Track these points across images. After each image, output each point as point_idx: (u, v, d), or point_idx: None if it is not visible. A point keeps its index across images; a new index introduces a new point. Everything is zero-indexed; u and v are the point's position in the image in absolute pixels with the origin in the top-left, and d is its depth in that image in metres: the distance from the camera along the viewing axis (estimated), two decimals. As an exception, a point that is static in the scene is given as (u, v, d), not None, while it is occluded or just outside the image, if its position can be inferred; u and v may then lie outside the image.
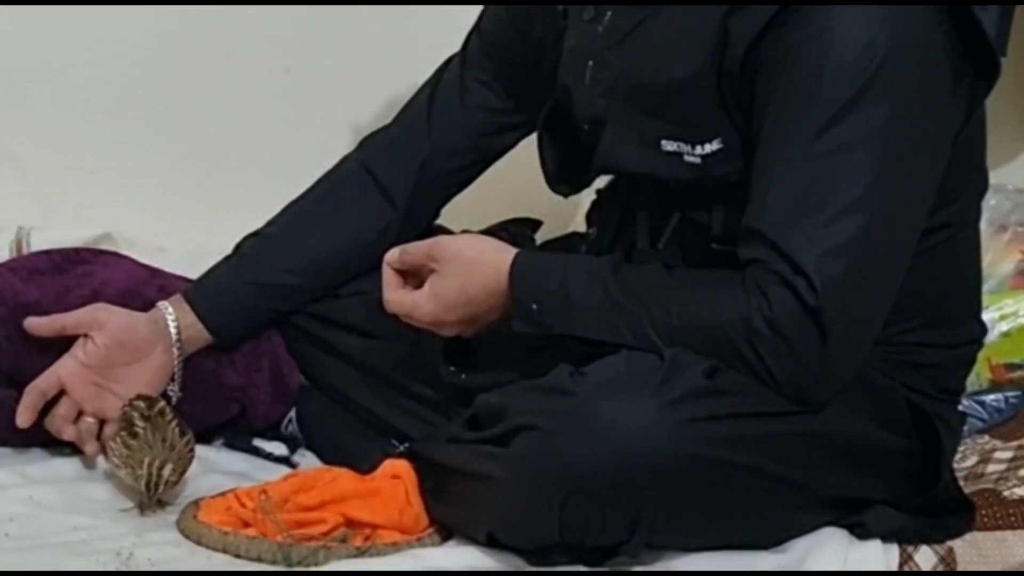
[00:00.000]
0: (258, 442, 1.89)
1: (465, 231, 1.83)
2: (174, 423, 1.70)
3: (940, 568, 1.61)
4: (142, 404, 1.72)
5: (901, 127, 1.53)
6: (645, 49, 1.63)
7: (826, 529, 1.60)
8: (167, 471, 1.65)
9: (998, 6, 1.57)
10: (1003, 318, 2.01)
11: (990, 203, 2.00)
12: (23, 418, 1.75)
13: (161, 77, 2.23)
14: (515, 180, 1.99)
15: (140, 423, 1.69)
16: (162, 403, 1.74)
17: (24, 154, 2.22)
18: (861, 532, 1.60)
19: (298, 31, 2.25)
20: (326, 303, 1.89)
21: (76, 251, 1.95)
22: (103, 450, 1.76)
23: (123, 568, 1.55)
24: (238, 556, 1.59)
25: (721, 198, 1.61)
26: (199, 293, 1.86)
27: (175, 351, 1.82)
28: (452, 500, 1.62)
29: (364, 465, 1.71)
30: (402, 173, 1.88)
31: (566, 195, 1.82)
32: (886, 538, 1.61)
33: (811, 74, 1.52)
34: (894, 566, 1.60)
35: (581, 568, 1.55)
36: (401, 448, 1.79)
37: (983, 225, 1.77)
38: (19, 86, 2.20)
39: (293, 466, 1.85)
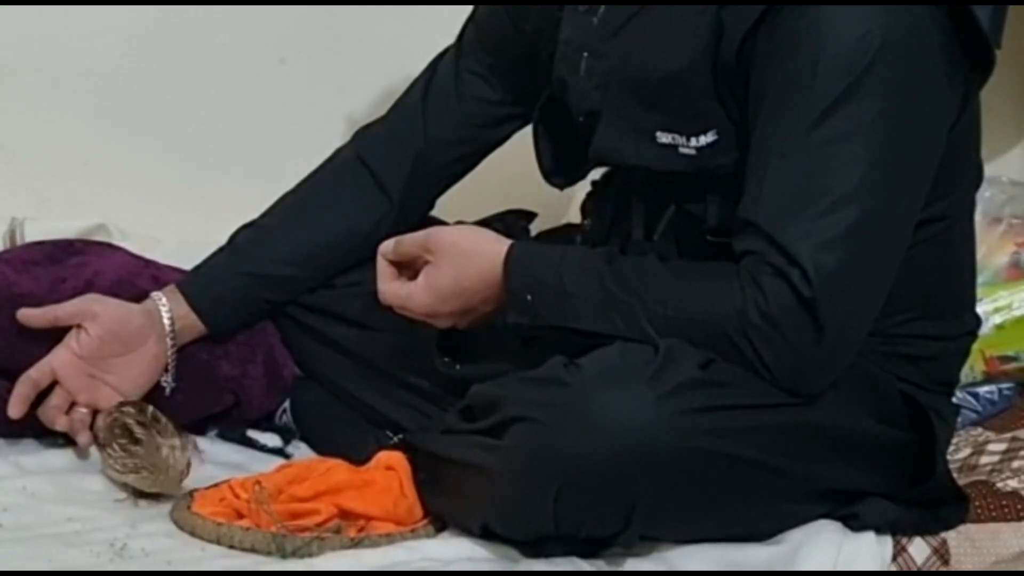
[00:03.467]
0: (252, 433, 1.89)
1: (459, 223, 1.82)
2: (170, 425, 1.70)
3: (933, 560, 1.62)
4: (132, 410, 1.71)
5: (896, 119, 1.53)
6: (640, 41, 1.63)
7: (820, 521, 1.60)
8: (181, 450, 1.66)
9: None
10: (997, 310, 2.01)
11: (984, 195, 2.01)
12: (15, 409, 1.75)
13: (156, 68, 2.23)
14: (509, 172, 1.99)
15: (138, 429, 1.69)
16: (152, 408, 1.73)
17: (18, 144, 2.21)
18: (855, 524, 1.61)
19: (293, 22, 2.25)
20: (321, 294, 1.89)
21: (70, 242, 1.95)
22: (96, 443, 1.76)
23: (117, 558, 1.55)
24: (232, 547, 1.59)
25: (716, 190, 1.61)
26: (193, 284, 1.85)
27: (169, 342, 1.82)
28: (446, 491, 1.62)
29: (358, 456, 1.71)
30: (397, 164, 1.88)
31: (561, 187, 1.82)
32: (880, 530, 1.61)
33: (806, 66, 1.52)
34: (888, 558, 1.60)
35: (576, 560, 1.55)
36: (395, 439, 1.80)
37: (977, 217, 1.77)
38: (13, 76, 2.20)
39: (287, 457, 1.85)
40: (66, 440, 1.79)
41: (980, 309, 1.81)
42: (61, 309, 1.79)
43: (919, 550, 1.62)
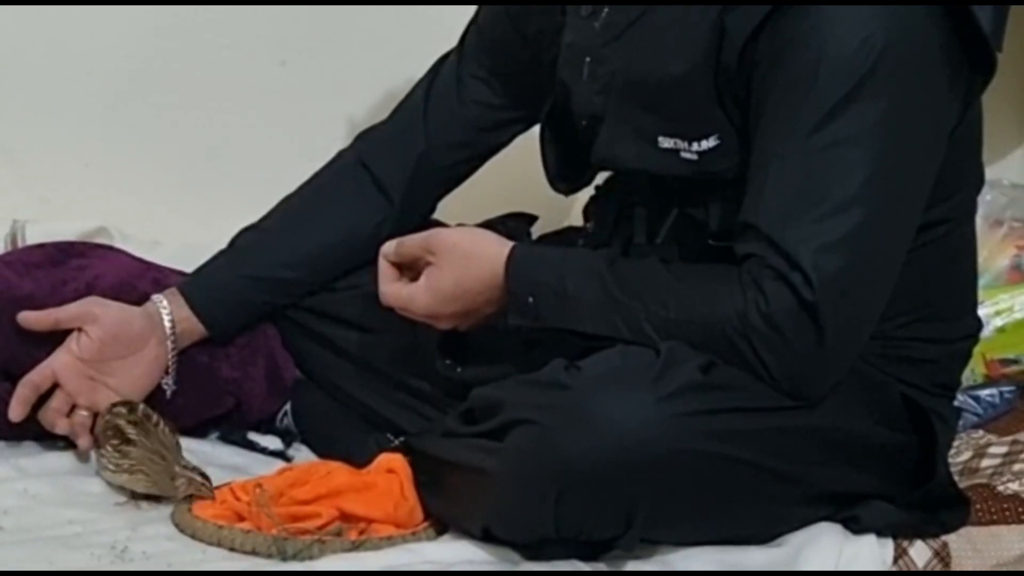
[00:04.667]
0: (253, 436, 1.89)
1: (461, 225, 1.82)
2: (161, 424, 1.70)
3: (934, 562, 1.62)
4: (124, 410, 1.71)
5: (898, 122, 1.53)
6: (642, 45, 1.63)
7: (821, 524, 1.60)
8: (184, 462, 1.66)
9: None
10: (998, 313, 2.01)
11: (986, 198, 2.00)
12: (16, 411, 1.75)
13: (157, 70, 2.23)
14: (511, 175, 1.99)
15: (131, 429, 1.69)
16: (143, 406, 1.73)
17: (19, 147, 2.21)
18: (856, 527, 1.61)
19: (294, 24, 2.25)
20: (321, 297, 1.89)
21: (71, 244, 1.95)
22: (96, 445, 1.76)
23: (118, 561, 1.55)
24: (233, 550, 1.59)
25: (718, 194, 1.61)
26: (194, 286, 1.85)
27: (169, 344, 1.82)
28: (447, 494, 1.62)
29: (359, 459, 1.71)
30: (398, 168, 1.88)
31: (567, 193, 1.82)
32: (881, 533, 1.61)
33: (807, 69, 1.52)
34: (889, 561, 1.61)
35: (576, 563, 1.55)
36: (396, 442, 1.80)
37: (978, 220, 1.77)
38: (15, 78, 2.20)
39: (288, 460, 1.85)
40: (67, 443, 1.79)
41: (981, 312, 1.81)
42: (62, 312, 1.79)
43: (920, 553, 1.62)
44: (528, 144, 1.84)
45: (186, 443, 1.74)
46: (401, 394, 1.86)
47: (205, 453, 1.81)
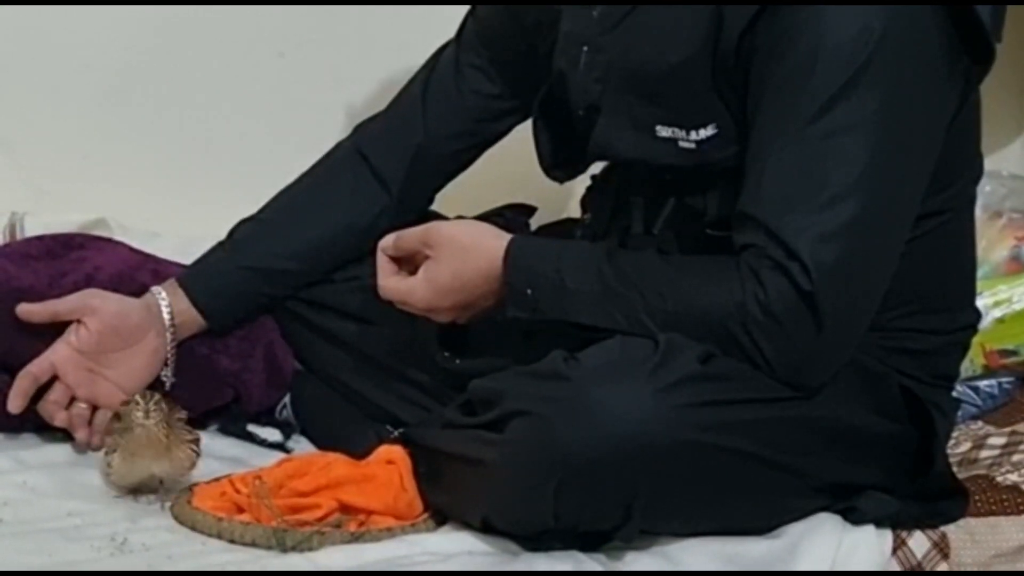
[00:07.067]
0: (252, 428, 1.89)
1: (459, 217, 1.82)
2: (166, 404, 1.70)
3: (933, 553, 1.62)
4: (141, 401, 1.71)
5: (896, 112, 1.53)
6: (639, 34, 1.63)
7: (820, 514, 1.61)
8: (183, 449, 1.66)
9: (993, -7, 1.57)
10: (997, 304, 2.01)
11: (984, 189, 2.00)
12: (15, 404, 1.75)
13: (155, 62, 2.23)
14: (509, 166, 1.99)
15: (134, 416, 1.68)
16: (157, 394, 1.73)
17: (18, 139, 2.21)
18: (855, 517, 1.61)
19: (292, 16, 2.25)
20: (320, 288, 1.89)
21: (70, 236, 1.95)
22: (98, 439, 1.76)
23: (117, 553, 1.55)
24: (232, 542, 1.59)
25: (716, 183, 1.61)
26: (193, 278, 1.85)
27: (168, 336, 1.82)
28: (446, 485, 1.62)
29: (358, 451, 1.71)
30: (397, 159, 1.88)
31: (561, 181, 1.82)
32: (880, 523, 1.62)
33: (806, 59, 1.52)
34: (887, 551, 1.61)
35: (576, 554, 1.55)
36: (395, 433, 1.80)
37: (977, 211, 1.77)
38: (13, 70, 2.20)
39: (287, 452, 1.85)
40: (66, 434, 1.79)
41: (980, 303, 1.81)
42: (61, 304, 1.79)
43: (919, 544, 1.62)
44: (527, 135, 1.84)
45: (185, 434, 1.74)
46: (400, 386, 1.87)
47: (204, 445, 1.80)
